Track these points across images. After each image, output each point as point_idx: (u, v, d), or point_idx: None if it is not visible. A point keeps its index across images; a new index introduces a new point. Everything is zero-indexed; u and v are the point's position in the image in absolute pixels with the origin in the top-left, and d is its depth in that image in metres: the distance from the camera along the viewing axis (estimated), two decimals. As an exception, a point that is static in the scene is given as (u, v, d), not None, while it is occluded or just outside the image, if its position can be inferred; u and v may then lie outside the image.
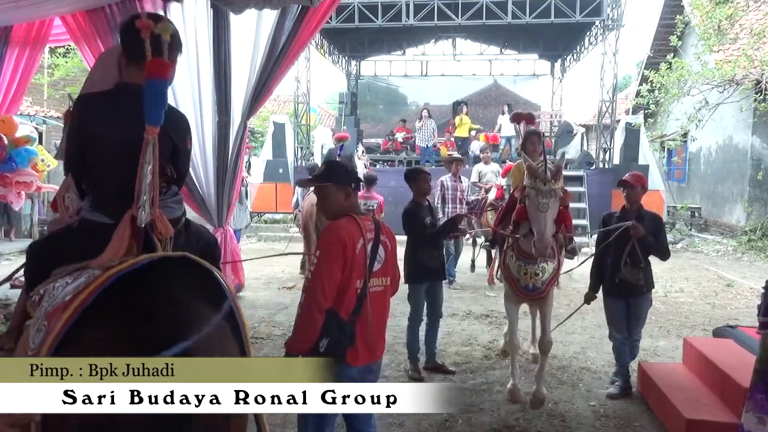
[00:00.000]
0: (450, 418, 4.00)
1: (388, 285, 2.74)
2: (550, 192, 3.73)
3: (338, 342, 2.51)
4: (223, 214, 7.05)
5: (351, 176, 2.71)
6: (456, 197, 7.79)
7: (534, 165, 3.87)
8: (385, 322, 2.77)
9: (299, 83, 14.76)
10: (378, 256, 2.64)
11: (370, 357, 2.64)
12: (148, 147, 1.95)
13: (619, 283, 4.22)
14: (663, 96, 13.86)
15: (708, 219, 14.77)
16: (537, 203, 3.73)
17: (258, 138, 19.89)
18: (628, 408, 4.14)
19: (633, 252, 4.14)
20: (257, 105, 6.78)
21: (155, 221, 2.00)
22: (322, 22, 6.46)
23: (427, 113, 14.84)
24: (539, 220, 3.71)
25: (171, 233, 2.07)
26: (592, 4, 13.28)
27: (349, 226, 2.58)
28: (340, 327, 2.52)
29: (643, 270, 4.21)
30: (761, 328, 2.83)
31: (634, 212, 4.26)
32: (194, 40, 6.24)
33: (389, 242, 2.73)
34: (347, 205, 2.64)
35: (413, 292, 4.83)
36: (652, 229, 4.21)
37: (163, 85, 1.95)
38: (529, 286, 4.10)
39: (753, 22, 13.18)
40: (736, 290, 8.23)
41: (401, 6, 13.67)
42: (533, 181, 3.79)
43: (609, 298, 4.43)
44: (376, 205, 7.80)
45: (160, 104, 1.94)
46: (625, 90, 24.52)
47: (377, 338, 2.68)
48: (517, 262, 4.13)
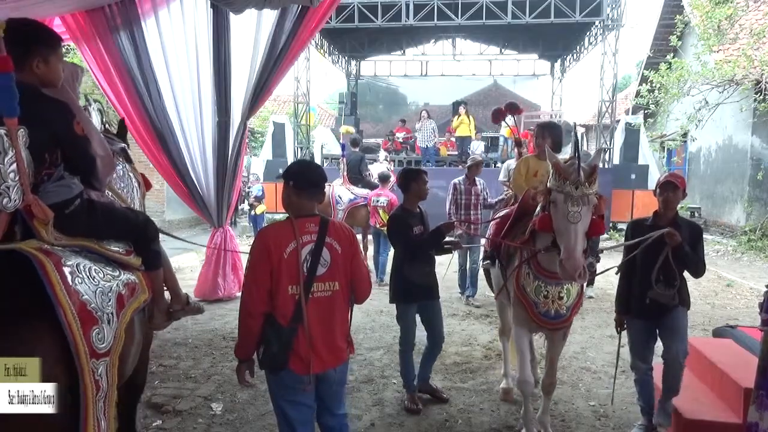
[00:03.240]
0: (450, 418, 4.01)
1: (338, 290, 2.58)
2: (583, 198, 2.98)
3: (273, 349, 2.46)
4: (222, 214, 7.05)
5: (293, 175, 2.59)
6: (470, 202, 7.07)
7: (562, 163, 3.12)
8: (340, 328, 2.63)
9: (299, 83, 14.77)
10: (322, 260, 2.53)
11: (318, 365, 2.51)
12: (2, 138, 2.04)
13: (650, 303, 3.50)
14: (663, 96, 13.85)
15: (708, 219, 14.77)
16: (566, 212, 2.98)
17: (258, 138, 19.89)
18: (628, 408, 4.13)
19: (667, 266, 3.43)
20: (257, 105, 6.79)
21: (31, 206, 2.11)
22: (322, 22, 6.48)
23: (426, 114, 14.86)
24: (568, 233, 2.97)
25: (49, 217, 2.16)
26: (591, 4, 13.30)
27: (279, 229, 2.56)
28: (277, 333, 2.46)
29: (678, 289, 3.50)
30: (763, 325, 2.85)
31: (669, 219, 3.53)
32: (194, 40, 6.25)
33: (339, 245, 2.58)
34: (288, 203, 2.61)
35: (401, 313, 4.17)
36: (689, 239, 3.49)
37: (6, 78, 2.01)
38: (551, 312, 3.40)
39: (753, 22, 13.18)
40: (736, 290, 8.23)
41: (401, 6, 13.68)
42: (562, 183, 3.04)
43: (635, 320, 3.68)
44: (386, 202, 7.83)
45: (9, 96, 2.01)
46: (625, 90, 24.54)
47: (327, 345, 2.55)
48: (536, 282, 3.40)
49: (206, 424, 3.89)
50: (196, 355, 5.21)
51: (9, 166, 2.05)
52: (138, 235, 2.62)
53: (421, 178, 4.15)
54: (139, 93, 6.24)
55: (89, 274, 2.15)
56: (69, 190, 2.34)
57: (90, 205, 2.41)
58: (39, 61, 2.27)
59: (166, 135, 6.45)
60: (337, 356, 2.62)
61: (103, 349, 2.05)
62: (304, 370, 2.49)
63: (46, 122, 2.22)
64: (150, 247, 2.66)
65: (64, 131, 2.28)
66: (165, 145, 6.50)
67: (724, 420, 3.59)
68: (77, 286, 2.04)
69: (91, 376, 1.96)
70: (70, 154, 2.35)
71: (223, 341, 5.60)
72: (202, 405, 4.16)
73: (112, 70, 6.14)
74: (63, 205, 2.28)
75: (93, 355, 2.00)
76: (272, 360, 2.49)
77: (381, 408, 4.16)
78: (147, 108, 6.30)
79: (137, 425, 3.29)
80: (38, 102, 2.21)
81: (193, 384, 4.56)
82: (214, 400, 4.25)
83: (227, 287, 7.19)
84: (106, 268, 2.30)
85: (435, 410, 4.14)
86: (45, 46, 2.31)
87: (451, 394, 4.41)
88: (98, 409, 2.00)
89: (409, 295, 4.10)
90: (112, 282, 2.25)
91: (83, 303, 2.03)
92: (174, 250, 9.63)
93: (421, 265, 4.08)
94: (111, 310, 2.16)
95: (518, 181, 4.20)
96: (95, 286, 2.13)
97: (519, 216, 3.84)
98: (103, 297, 2.14)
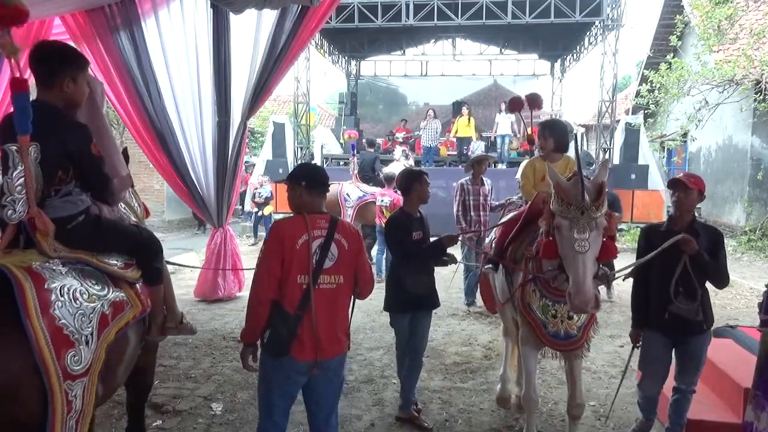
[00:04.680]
0: (450, 418, 4.01)
1: (342, 283, 2.73)
2: (591, 223, 2.65)
3: (280, 334, 2.60)
4: (222, 214, 7.05)
5: (305, 177, 2.77)
6: (479, 203, 6.68)
7: (565, 183, 2.76)
8: (341, 321, 2.77)
9: (299, 83, 14.76)
10: (330, 254, 2.68)
11: (319, 353, 2.64)
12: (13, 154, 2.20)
13: (670, 317, 3.17)
14: (663, 96, 13.85)
15: (708, 219, 14.75)
16: (572, 240, 2.66)
17: (258, 138, 19.89)
18: (628, 408, 4.13)
19: (686, 277, 3.10)
20: (257, 105, 6.79)
21: (34, 219, 2.26)
22: (321, 22, 6.48)
23: (432, 113, 14.83)
24: (576, 263, 2.65)
25: (50, 230, 2.29)
26: (591, 4, 13.28)
27: (292, 223, 2.73)
28: (284, 320, 2.60)
29: (702, 301, 3.17)
30: (762, 325, 2.85)
31: (685, 224, 3.19)
32: (194, 40, 6.25)
33: (347, 241, 2.74)
34: (300, 202, 2.76)
35: (394, 321, 3.97)
36: (708, 246, 3.14)
37: (24, 99, 2.15)
38: (560, 332, 3.13)
39: (753, 22, 13.17)
40: (736, 290, 8.22)
41: (401, 6, 13.66)
42: (565, 208, 2.70)
43: (651, 332, 3.33)
44: (389, 203, 7.84)
45: (24, 115, 2.15)
46: (625, 90, 24.53)
47: (328, 335, 2.67)
48: (543, 300, 3.13)
49: (206, 424, 3.89)
50: (196, 355, 5.21)
51: (17, 180, 2.21)
52: (141, 252, 2.73)
53: (423, 179, 3.91)
54: (139, 93, 6.24)
55: (72, 297, 2.22)
56: (74, 206, 2.47)
57: (96, 221, 2.55)
58: (69, 81, 2.41)
59: (166, 135, 6.45)
60: (335, 347, 2.73)
61: (79, 370, 2.13)
62: (306, 356, 2.62)
63: (64, 143, 2.36)
64: (152, 264, 2.77)
65: (82, 152, 2.43)
66: (165, 145, 6.50)
67: (724, 420, 3.59)
68: (56, 310, 2.11)
69: (63, 397, 2.05)
70: (86, 174, 2.49)
71: (223, 341, 5.60)
72: (202, 405, 4.16)
73: (112, 70, 6.14)
74: (67, 220, 2.41)
75: (67, 377, 2.08)
76: (278, 345, 2.62)
77: (381, 408, 4.16)
78: (147, 108, 6.30)
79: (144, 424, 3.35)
80: (59, 123, 2.36)
81: (193, 384, 4.56)
82: (214, 400, 4.25)
83: (227, 287, 7.19)
84: (94, 286, 2.37)
85: (435, 410, 4.14)
86: (74, 66, 2.46)
87: (451, 394, 4.42)
88: (68, 427, 2.09)
89: (402, 304, 3.87)
90: (96, 303, 2.32)
91: (59, 327, 2.10)
92: (174, 250, 9.65)
93: (418, 274, 3.81)
94: (90, 331, 2.23)
95: (527, 186, 3.87)
96: (76, 309, 2.20)
97: (528, 221, 3.51)
98: (83, 319, 2.22)
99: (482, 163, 6.89)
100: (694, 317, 3.15)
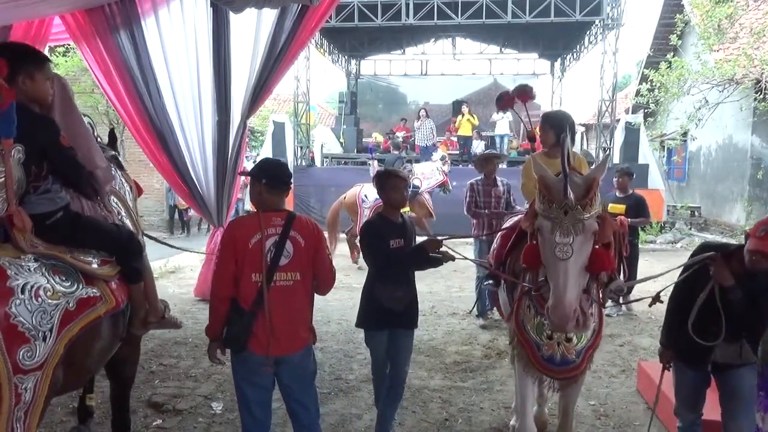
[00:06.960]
0: (450, 417, 4.01)
1: (299, 280, 2.75)
2: (577, 226, 2.27)
3: (236, 330, 2.69)
4: (222, 213, 7.05)
5: (266, 174, 2.79)
6: (490, 205, 6.09)
7: (550, 177, 2.39)
8: (298, 317, 2.79)
9: (299, 82, 14.76)
10: (285, 251, 2.71)
11: (275, 348, 2.68)
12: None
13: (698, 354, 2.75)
14: (663, 95, 13.86)
15: (708, 218, 14.78)
16: (552, 244, 2.30)
17: (258, 137, 19.89)
18: (628, 408, 4.14)
19: (727, 316, 2.57)
20: (257, 104, 6.79)
21: (13, 216, 2.31)
22: (321, 21, 6.47)
23: (425, 113, 14.87)
24: (556, 272, 2.30)
25: (28, 227, 2.36)
26: (591, 4, 13.30)
27: (246, 222, 2.83)
28: (240, 316, 2.68)
29: (745, 342, 2.66)
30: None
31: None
32: (194, 40, 6.24)
33: (303, 238, 2.76)
34: (260, 199, 2.80)
35: (368, 340, 3.41)
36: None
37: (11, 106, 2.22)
38: (556, 357, 2.71)
39: (753, 21, 13.17)
40: (736, 289, 8.22)
41: (401, 5, 13.67)
42: (548, 207, 2.33)
43: (682, 365, 2.91)
44: None
45: (9, 121, 2.23)
46: (625, 89, 24.52)
47: (286, 331, 2.72)
48: (537, 318, 2.72)
49: (206, 423, 3.89)
50: (196, 354, 5.21)
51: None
52: (120, 252, 2.77)
53: (393, 182, 3.28)
54: (139, 92, 6.23)
55: (33, 294, 2.27)
56: (52, 203, 2.53)
57: (75, 218, 2.62)
58: (24, 77, 2.45)
59: (166, 134, 6.44)
60: (296, 343, 2.78)
61: (31, 365, 2.21)
62: (263, 351, 2.68)
63: (31, 137, 2.39)
64: (130, 263, 2.81)
65: (51, 145, 2.48)
66: (165, 144, 6.50)
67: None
68: (13, 308, 2.18)
69: (12, 390, 2.15)
70: (58, 167, 2.55)
71: (223, 340, 5.59)
72: (202, 404, 4.16)
73: (112, 70, 6.13)
74: (45, 216, 2.48)
75: (18, 371, 2.17)
76: (234, 340, 2.71)
77: (381, 407, 4.16)
78: (147, 107, 6.30)
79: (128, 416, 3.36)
80: (25, 118, 2.36)
81: (193, 383, 4.56)
82: (214, 399, 4.25)
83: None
84: (63, 283, 2.41)
85: (435, 409, 4.14)
86: (30, 63, 2.50)
87: (452, 393, 4.42)
88: (15, 418, 2.18)
89: (375, 320, 3.32)
90: (61, 300, 2.36)
91: (14, 325, 2.17)
92: (173, 250, 9.61)
93: (394, 285, 3.26)
94: (50, 327, 2.29)
95: (528, 185, 3.37)
96: (36, 306, 2.25)
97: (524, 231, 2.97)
98: (43, 316, 2.27)
99: (490, 161, 6.27)
100: (732, 361, 2.70)
